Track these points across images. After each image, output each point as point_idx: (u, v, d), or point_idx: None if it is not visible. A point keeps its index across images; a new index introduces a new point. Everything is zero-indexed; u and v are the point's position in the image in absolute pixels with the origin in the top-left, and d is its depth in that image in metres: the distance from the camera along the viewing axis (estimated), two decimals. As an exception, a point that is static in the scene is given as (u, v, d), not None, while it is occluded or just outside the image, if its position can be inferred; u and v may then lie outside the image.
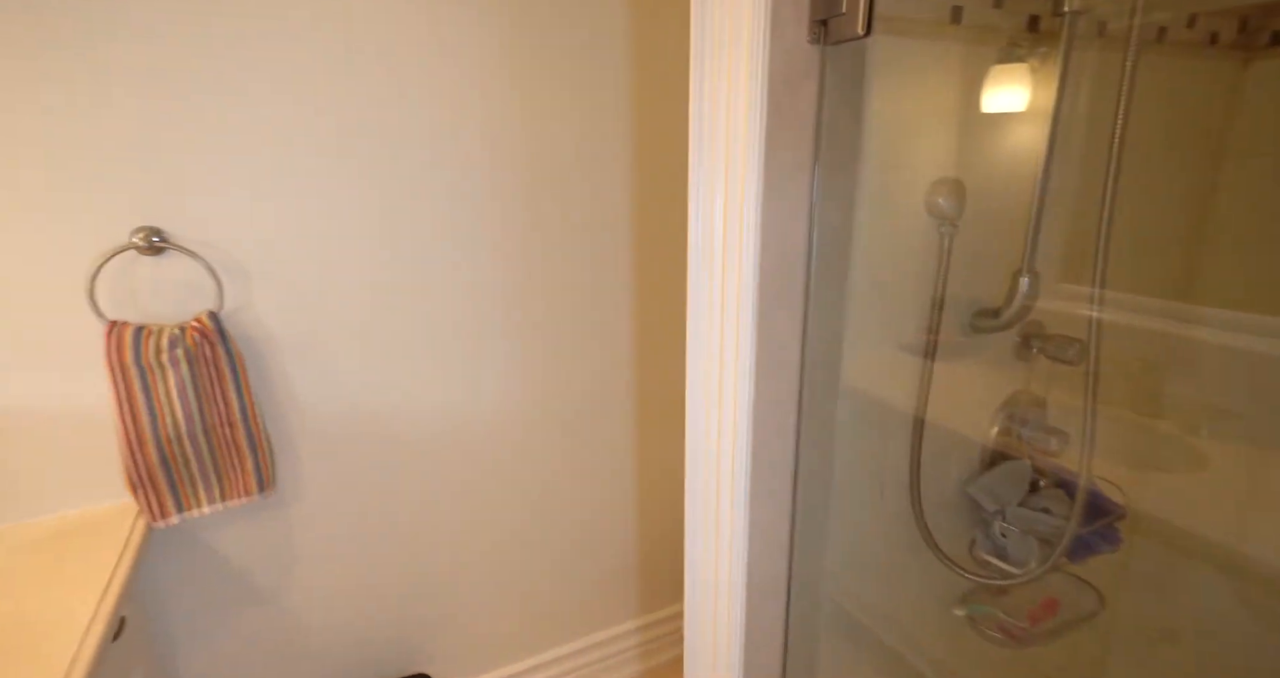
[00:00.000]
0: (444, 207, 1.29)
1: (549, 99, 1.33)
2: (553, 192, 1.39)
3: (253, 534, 1.26)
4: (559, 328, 1.48)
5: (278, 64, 1.11)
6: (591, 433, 1.59)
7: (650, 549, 1.76)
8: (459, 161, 1.28)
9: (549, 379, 1.50)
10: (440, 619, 1.51)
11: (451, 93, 1.25)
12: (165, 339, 1.07)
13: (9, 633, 0.80)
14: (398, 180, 1.24)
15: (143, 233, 1.08)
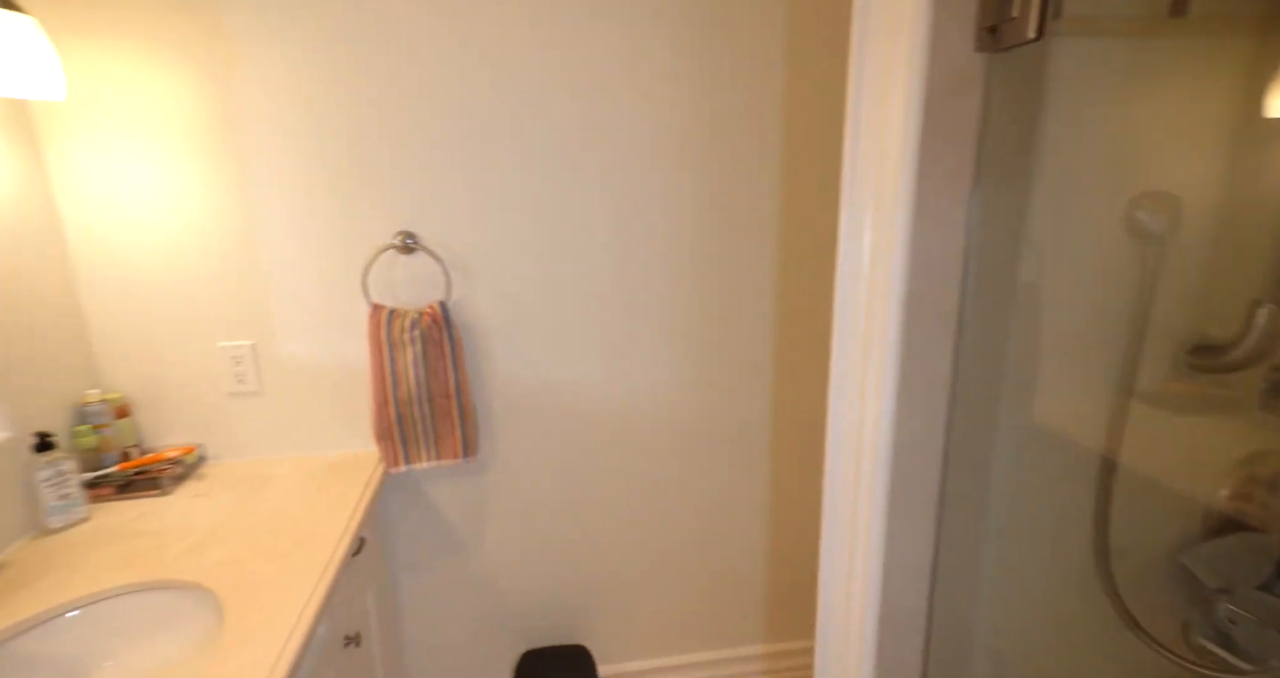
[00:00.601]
0: (621, 223, 1.41)
1: (719, 122, 1.39)
2: (714, 211, 1.44)
3: (457, 492, 1.50)
4: (708, 337, 1.53)
5: (508, 111, 1.31)
6: (731, 444, 1.60)
7: (784, 574, 1.71)
8: (639, 186, 1.40)
9: (700, 386, 1.55)
10: (600, 601, 1.63)
11: (646, 134, 1.36)
12: (408, 321, 1.33)
13: (294, 528, 1.07)
14: (590, 202, 1.39)
15: (401, 236, 1.35)
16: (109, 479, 1.19)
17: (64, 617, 0.88)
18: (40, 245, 1.16)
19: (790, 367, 1.57)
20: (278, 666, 0.78)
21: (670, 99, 1.36)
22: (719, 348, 1.53)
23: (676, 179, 1.41)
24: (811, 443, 1.62)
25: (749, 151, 1.42)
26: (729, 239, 1.47)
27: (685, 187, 1.42)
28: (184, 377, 1.31)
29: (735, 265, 1.49)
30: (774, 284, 1.52)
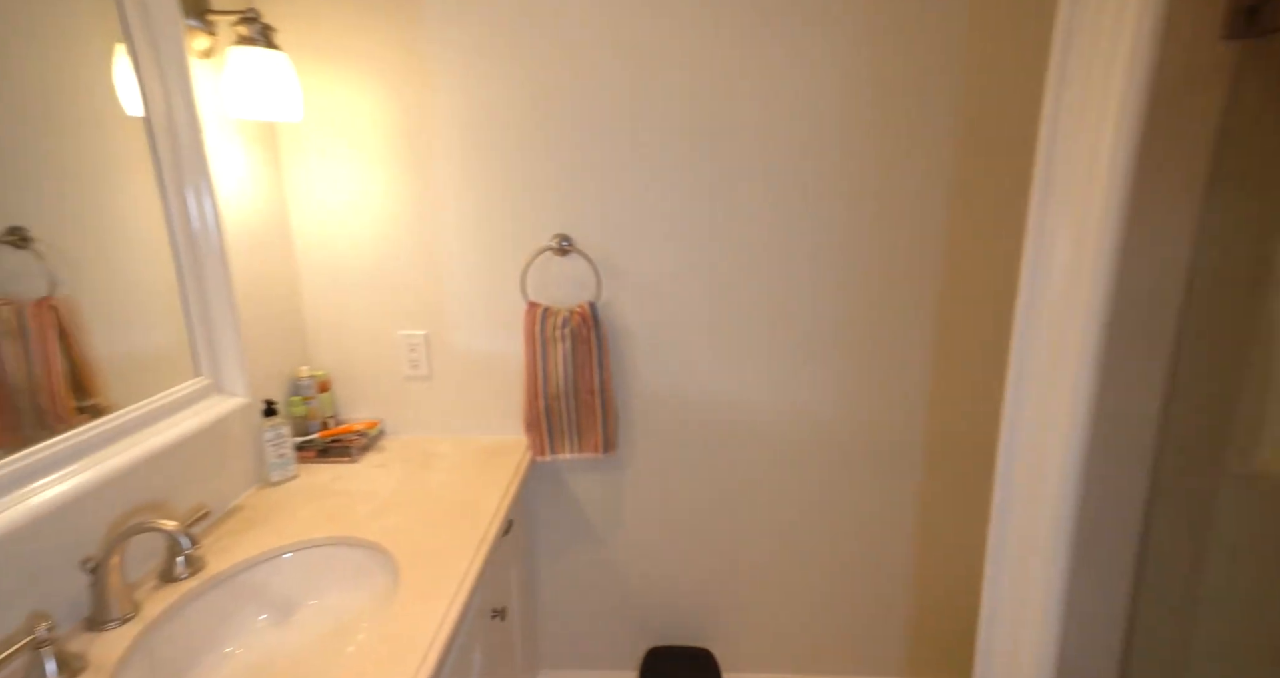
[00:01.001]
0: (775, 230, 1.39)
1: (887, 127, 1.32)
2: (877, 220, 1.37)
3: (596, 484, 1.57)
4: (861, 352, 1.45)
5: (664, 119, 1.34)
6: (880, 464, 1.51)
7: (931, 606, 1.58)
8: (798, 193, 1.36)
9: (849, 402, 1.48)
10: (729, 607, 1.63)
11: (808, 140, 1.33)
12: (560, 319, 1.41)
13: (455, 504, 1.18)
14: (745, 209, 1.38)
15: (557, 238, 1.44)
16: (312, 444, 1.39)
17: (283, 557, 1.05)
18: (277, 245, 1.38)
19: (950, 386, 1.46)
20: (443, 624, 0.87)
21: (837, 102, 1.32)
22: (872, 363, 1.46)
23: (838, 186, 1.37)
24: (971, 471, 1.49)
25: (916, 157, 1.34)
26: (890, 249, 1.40)
27: (847, 194, 1.37)
28: (371, 359, 1.50)
29: (895, 277, 1.41)
30: (937, 298, 1.42)
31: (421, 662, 0.79)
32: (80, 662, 0.78)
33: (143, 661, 0.84)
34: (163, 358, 1.05)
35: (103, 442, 0.90)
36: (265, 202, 1.33)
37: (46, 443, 0.82)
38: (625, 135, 1.37)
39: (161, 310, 1.05)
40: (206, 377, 1.12)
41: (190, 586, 0.94)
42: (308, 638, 0.98)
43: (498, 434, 1.53)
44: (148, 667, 0.84)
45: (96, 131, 0.93)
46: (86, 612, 0.87)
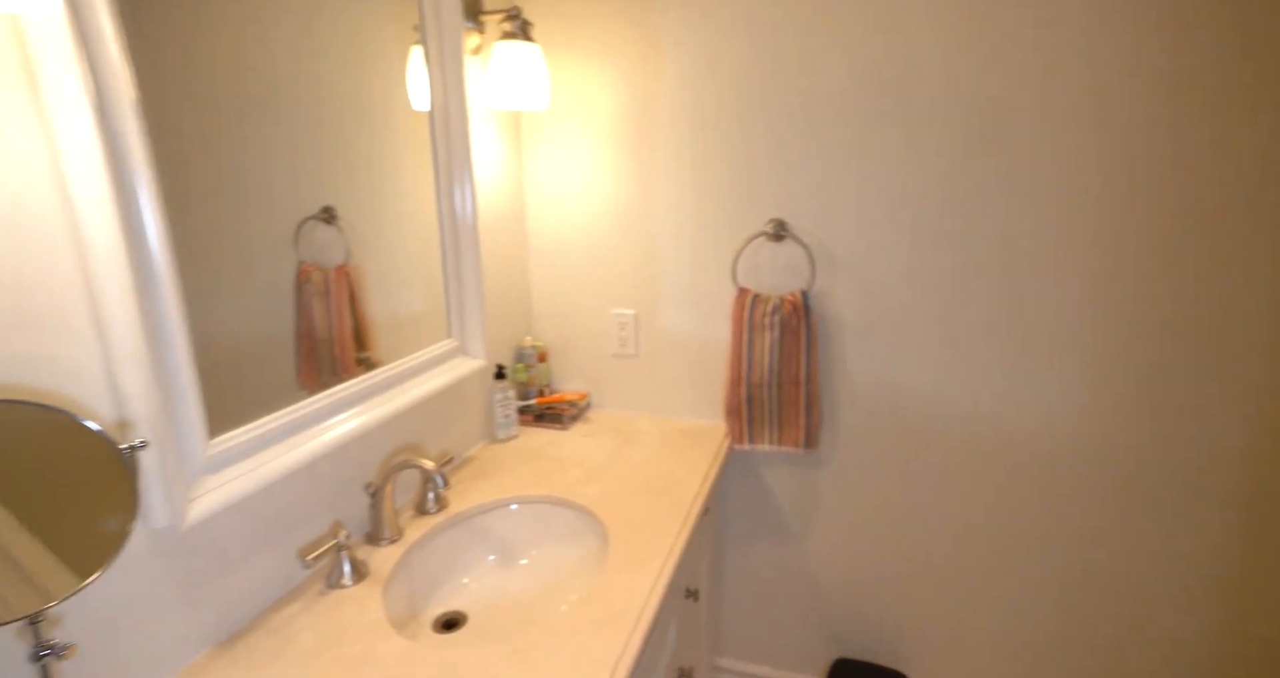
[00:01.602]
0: (1016, 219, 1.21)
1: (1179, 91, 1.07)
2: (1172, 206, 1.12)
3: (792, 479, 1.52)
4: (1137, 360, 1.21)
5: (890, 99, 1.23)
6: (1147, 496, 1.25)
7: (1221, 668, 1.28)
8: (1053, 176, 1.17)
9: (1113, 415, 1.25)
10: (929, 631, 1.49)
11: (1069, 112, 1.14)
12: (770, 306, 1.37)
13: (657, 480, 1.21)
14: (980, 194, 1.22)
15: (773, 224, 1.39)
16: (530, 409, 1.51)
17: (510, 508, 1.16)
18: (514, 226, 1.51)
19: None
20: (652, 595, 0.89)
21: (1116, 66, 1.11)
22: (1154, 375, 1.23)
23: (1112, 161, 1.16)
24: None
25: (1222, 126, 1.08)
26: (1185, 241, 1.15)
27: (1128, 171, 1.15)
28: (584, 335, 1.59)
29: (1192, 272, 1.16)
30: (1270, 299, 1.14)
31: (633, 628, 0.82)
32: (365, 568, 0.93)
33: (405, 576, 0.98)
34: (420, 320, 1.20)
35: (381, 388, 1.06)
36: (508, 186, 1.47)
37: (341, 387, 0.98)
38: (851, 117, 1.28)
39: (423, 280, 1.20)
40: (455, 339, 1.27)
41: (438, 520, 1.08)
42: (527, 585, 1.07)
43: (696, 418, 1.55)
44: (408, 582, 0.98)
45: (390, 125, 1.08)
46: (367, 528, 1.03)
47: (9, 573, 0.51)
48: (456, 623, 0.98)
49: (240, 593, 0.82)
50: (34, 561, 0.53)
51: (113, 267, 0.63)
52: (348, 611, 0.85)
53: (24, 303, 0.59)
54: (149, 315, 0.68)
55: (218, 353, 0.78)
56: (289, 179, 0.88)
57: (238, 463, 0.79)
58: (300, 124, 0.89)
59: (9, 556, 0.52)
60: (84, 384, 0.64)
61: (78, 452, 0.57)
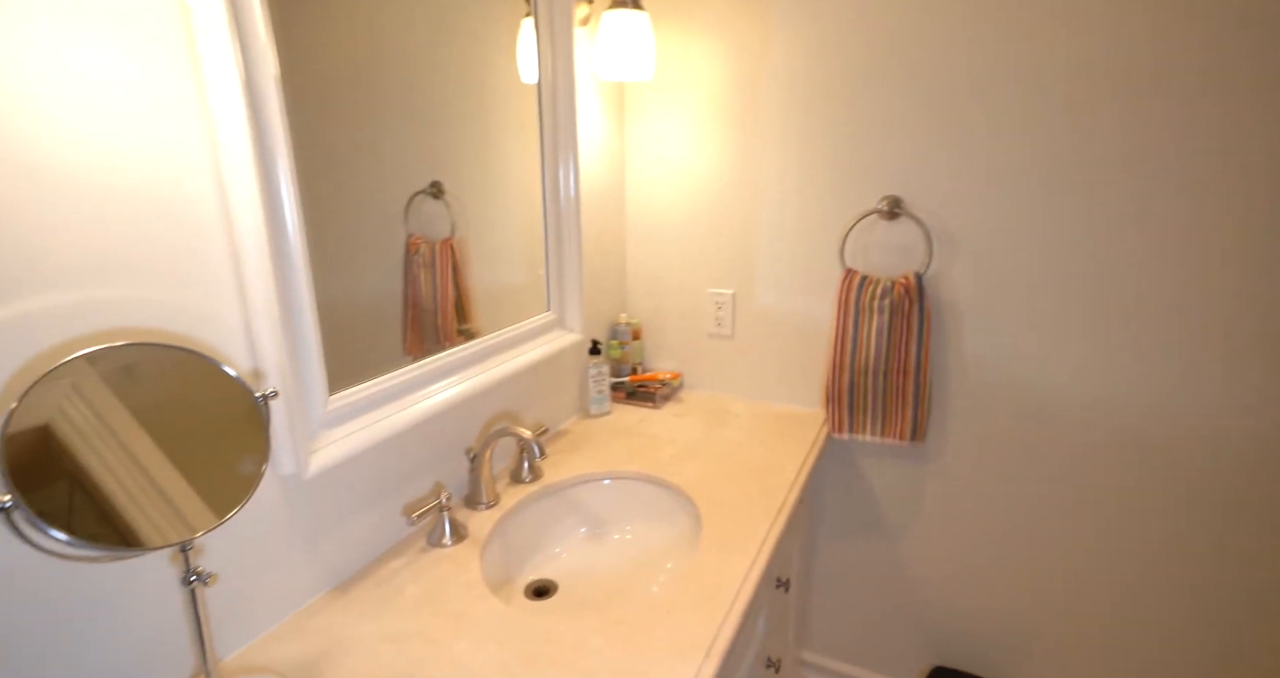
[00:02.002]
0: (1185, 214, 1.05)
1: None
2: None
3: (893, 473, 1.43)
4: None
5: (1022, 61, 1.10)
6: None
7: None
8: (1188, 171, 1.01)
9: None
10: (1042, 648, 1.37)
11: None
12: (879, 289, 1.28)
13: (751, 465, 1.18)
14: (1130, 168, 1.08)
15: (887, 201, 1.30)
16: (622, 386, 1.51)
17: (602, 482, 1.16)
18: (613, 200, 1.50)
19: None
20: (747, 580, 0.86)
21: None
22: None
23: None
24: None
25: None
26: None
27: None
28: (678, 314, 1.56)
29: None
30: None
31: (727, 612, 0.80)
32: (464, 530, 0.96)
33: (500, 541, 1.00)
34: (519, 293, 1.21)
35: (483, 357, 1.08)
36: (609, 159, 1.45)
37: (445, 353, 1.00)
38: (976, 89, 1.16)
39: (524, 253, 1.21)
40: (554, 312, 1.28)
41: (532, 489, 1.09)
42: (618, 560, 1.07)
43: (792, 404, 1.49)
44: (502, 547, 1.00)
45: (499, 99, 1.09)
46: (465, 492, 1.06)
47: (161, 505, 0.56)
48: (547, 591, 0.99)
49: (352, 543, 0.86)
50: (181, 496, 0.58)
51: (254, 232, 0.67)
52: (447, 569, 0.88)
53: (180, 261, 0.64)
54: (282, 277, 0.71)
55: (334, 317, 0.81)
56: (400, 154, 0.90)
57: (353, 420, 0.83)
58: (411, 100, 0.91)
59: (161, 489, 0.56)
60: (225, 336, 0.68)
61: (219, 397, 0.60)
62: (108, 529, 0.52)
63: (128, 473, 0.54)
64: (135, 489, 0.54)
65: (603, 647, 0.74)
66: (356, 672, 0.70)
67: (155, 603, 0.64)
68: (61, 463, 0.50)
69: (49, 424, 0.49)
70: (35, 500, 0.47)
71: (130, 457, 0.54)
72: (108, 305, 0.59)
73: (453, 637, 0.75)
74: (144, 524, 0.54)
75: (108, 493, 0.53)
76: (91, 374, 0.52)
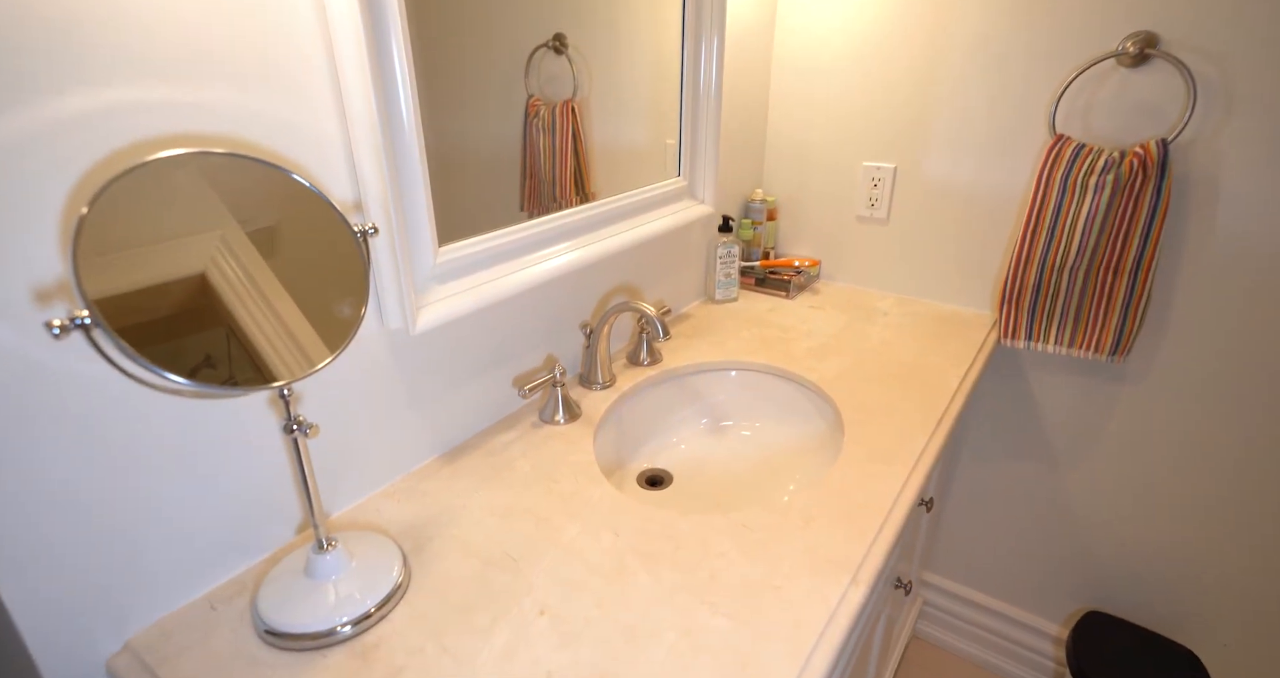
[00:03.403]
0: None
1: None
2: None
3: (1073, 391, 1.19)
4: None
5: None
6: None
7: None
8: None
9: None
10: (1232, 606, 1.15)
11: None
12: (1101, 161, 0.99)
13: (903, 366, 1.00)
14: None
15: (1135, 40, 0.97)
16: (753, 272, 1.34)
17: (728, 374, 1.04)
18: (758, 62, 1.25)
19: None
20: (900, 500, 0.72)
21: None
22: None
23: None
24: None
25: None
26: None
27: None
28: (823, 192, 1.34)
29: None
30: None
31: (876, 534, 0.67)
32: (577, 408, 0.88)
33: (614, 424, 0.92)
34: (645, 157, 1.04)
35: (603, 221, 0.95)
36: (755, 15, 1.19)
37: (563, 213, 0.88)
38: None
39: (652, 112, 1.03)
40: (684, 179, 1.11)
41: (651, 373, 0.99)
42: (740, 458, 0.96)
43: (954, 303, 1.26)
44: (617, 430, 0.92)
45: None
46: (579, 370, 0.98)
47: (285, 338, 0.49)
48: (661, 481, 0.92)
49: (462, 410, 0.81)
50: (284, 331, 0.51)
51: (353, 34, 0.55)
52: (559, 447, 0.81)
53: (272, 60, 0.53)
54: (387, 100, 0.60)
55: (449, 168, 0.72)
56: (523, 5, 0.75)
57: (463, 277, 0.74)
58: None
59: (280, 319, 0.49)
60: (325, 159, 0.59)
61: (315, 225, 0.52)
62: (223, 358, 0.46)
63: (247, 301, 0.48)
64: (259, 317, 0.48)
65: (729, 551, 0.64)
66: (464, 543, 0.65)
67: (263, 451, 0.61)
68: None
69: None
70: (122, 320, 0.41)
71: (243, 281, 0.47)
72: (198, 108, 0.50)
73: (564, 518, 0.68)
74: (267, 354, 0.48)
75: (235, 323, 0.46)
76: (200, 181, 0.44)
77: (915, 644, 1.51)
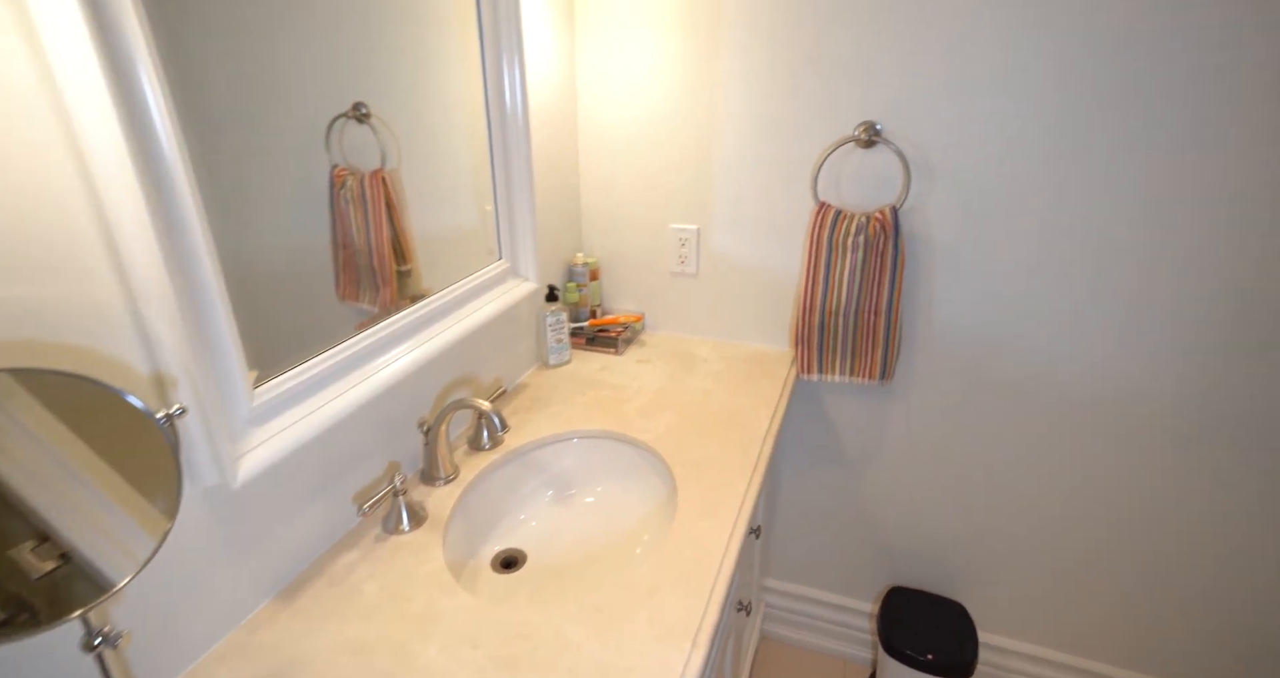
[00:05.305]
0: (1179, 149, 0.99)
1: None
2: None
3: (857, 410, 1.42)
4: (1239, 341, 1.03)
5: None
6: (1228, 458, 1.13)
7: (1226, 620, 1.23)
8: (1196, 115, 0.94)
9: (1211, 375, 1.10)
10: (989, 567, 1.45)
11: None
12: (854, 225, 1.21)
13: (722, 413, 1.13)
14: (1130, 126, 1.00)
15: (864, 127, 1.19)
16: (582, 332, 1.42)
17: (569, 442, 1.10)
18: (565, 126, 1.33)
19: None
20: (730, 547, 0.83)
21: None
22: (1241, 354, 1.06)
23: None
24: None
25: None
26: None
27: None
28: (639, 251, 1.45)
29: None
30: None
31: (711, 591, 0.77)
32: (422, 511, 0.88)
33: (462, 517, 0.93)
34: (467, 236, 1.07)
35: (434, 319, 0.97)
36: (559, 79, 1.27)
37: (391, 320, 0.88)
38: (963, 6, 1.04)
39: (469, 188, 1.06)
40: (506, 260, 1.15)
41: (494, 457, 1.02)
42: (588, 525, 1.02)
43: (759, 343, 1.44)
44: (465, 522, 0.94)
45: (427, 8, 0.90)
46: (421, 465, 0.98)
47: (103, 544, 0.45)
48: (516, 562, 0.95)
49: (297, 541, 0.78)
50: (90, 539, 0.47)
51: (118, 174, 0.51)
52: (407, 559, 0.81)
53: (24, 235, 0.49)
54: (170, 236, 0.57)
55: (252, 271, 0.69)
56: (315, 73, 0.74)
57: (287, 411, 0.72)
58: (325, 8, 0.73)
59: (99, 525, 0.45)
60: (111, 331, 0.55)
61: (116, 418, 0.48)
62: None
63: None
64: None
65: (583, 640, 0.70)
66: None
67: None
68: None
69: None
70: None
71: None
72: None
73: (421, 641, 0.70)
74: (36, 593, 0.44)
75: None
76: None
77: (764, 644, 1.69)
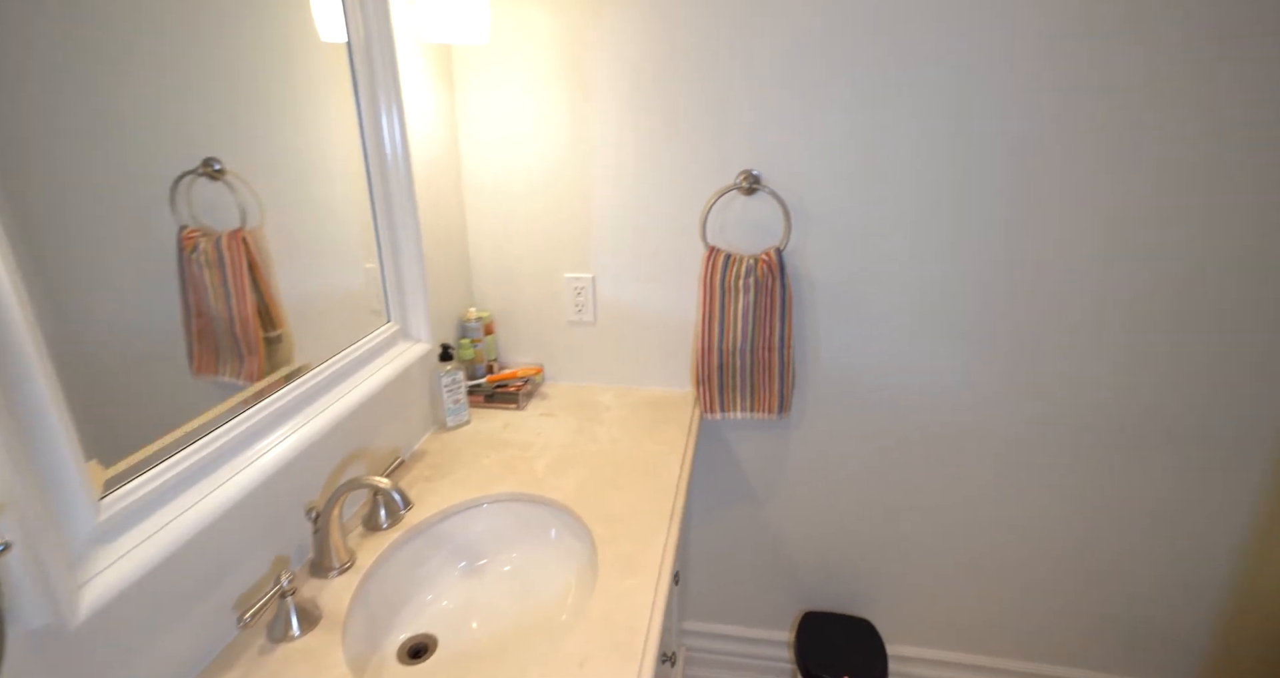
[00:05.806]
0: (1024, 193, 1.15)
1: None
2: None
3: (759, 444, 1.47)
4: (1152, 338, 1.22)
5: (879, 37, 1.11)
6: (1178, 459, 1.31)
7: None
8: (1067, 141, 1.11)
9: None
10: (892, 580, 1.53)
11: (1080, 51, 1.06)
12: (744, 267, 1.27)
13: (632, 462, 1.12)
14: (983, 164, 1.15)
15: (744, 176, 1.27)
16: (480, 389, 1.36)
17: (479, 508, 1.03)
18: (449, 179, 1.30)
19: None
20: (655, 606, 0.81)
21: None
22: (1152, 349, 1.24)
23: (1128, 121, 1.10)
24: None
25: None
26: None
27: (1146, 139, 1.11)
28: (534, 302, 1.43)
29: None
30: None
31: (643, 654, 0.74)
32: (315, 610, 0.79)
33: (362, 610, 0.85)
34: (348, 298, 1.01)
35: (318, 393, 0.89)
36: (441, 132, 1.25)
37: (270, 400, 0.80)
38: (833, 62, 1.15)
39: (346, 242, 1.00)
40: (395, 321, 1.09)
41: (395, 536, 0.94)
42: (507, 598, 0.96)
43: (662, 386, 1.46)
44: (365, 614, 0.85)
45: (289, 58, 0.85)
46: (310, 555, 0.88)
47: None
48: (425, 649, 0.87)
49: (160, 669, 0.66)
50: None
51: None
52: (300, 669, 0.72)
53: None
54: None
55: (92, 358, 0.60)
56: (155, 129, 0.67)
57: (145, 520, 0.62)
58: (163, 55, 0.67)
59: None
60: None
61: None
62: None
63: None
64: None
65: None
66: None
67: None
68: None
69: None
70: None
71: None
72: None
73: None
74: None
75: None
76: None
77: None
